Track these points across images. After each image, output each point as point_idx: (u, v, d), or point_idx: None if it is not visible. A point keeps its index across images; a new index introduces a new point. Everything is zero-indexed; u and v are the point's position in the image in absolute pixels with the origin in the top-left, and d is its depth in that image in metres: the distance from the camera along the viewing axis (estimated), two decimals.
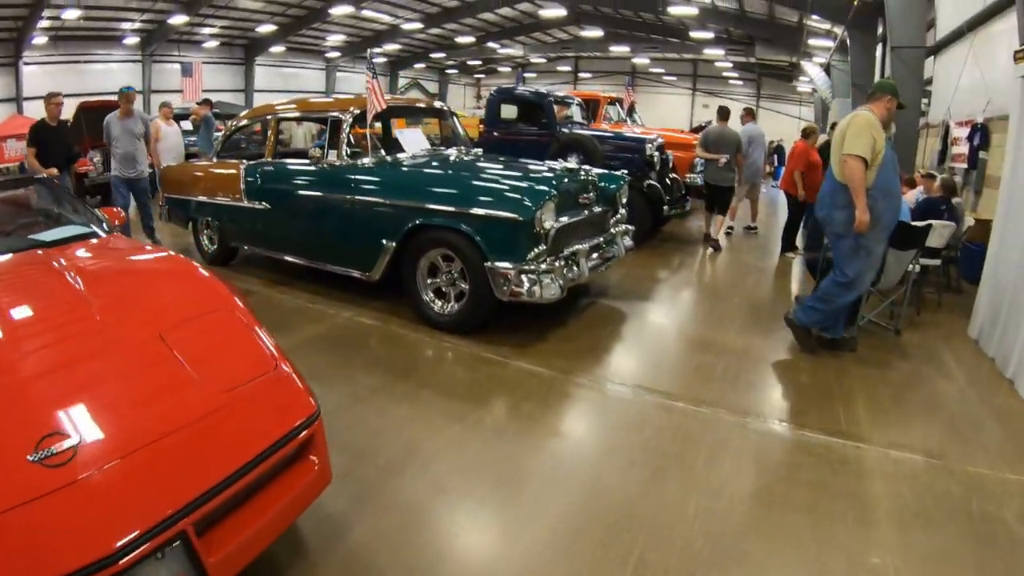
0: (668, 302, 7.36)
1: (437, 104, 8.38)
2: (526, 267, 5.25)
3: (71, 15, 24.27)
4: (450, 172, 6.20)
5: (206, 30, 31.49)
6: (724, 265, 9.22)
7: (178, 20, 27.30)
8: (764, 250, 10.43)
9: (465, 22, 32.97)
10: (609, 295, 7.22)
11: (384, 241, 5.90)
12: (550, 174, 6.03)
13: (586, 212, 6.11)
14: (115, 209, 4.99)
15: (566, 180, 5.92)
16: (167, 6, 26.73)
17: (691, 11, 24.59)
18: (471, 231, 5.38)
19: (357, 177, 6.24)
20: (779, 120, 35.28)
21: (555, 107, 10.69)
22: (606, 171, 7.15)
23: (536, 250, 5.30)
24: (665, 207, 9.45)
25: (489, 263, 5.31)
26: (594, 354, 5.52)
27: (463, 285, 5.64)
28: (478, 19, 32.77)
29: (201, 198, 7.94)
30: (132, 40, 30.47)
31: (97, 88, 30.23)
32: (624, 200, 6.87)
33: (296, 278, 7.31)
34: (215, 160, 8.09)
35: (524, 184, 5.61)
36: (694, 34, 29.51)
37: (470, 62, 44.14)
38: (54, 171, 7.83)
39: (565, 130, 10.21)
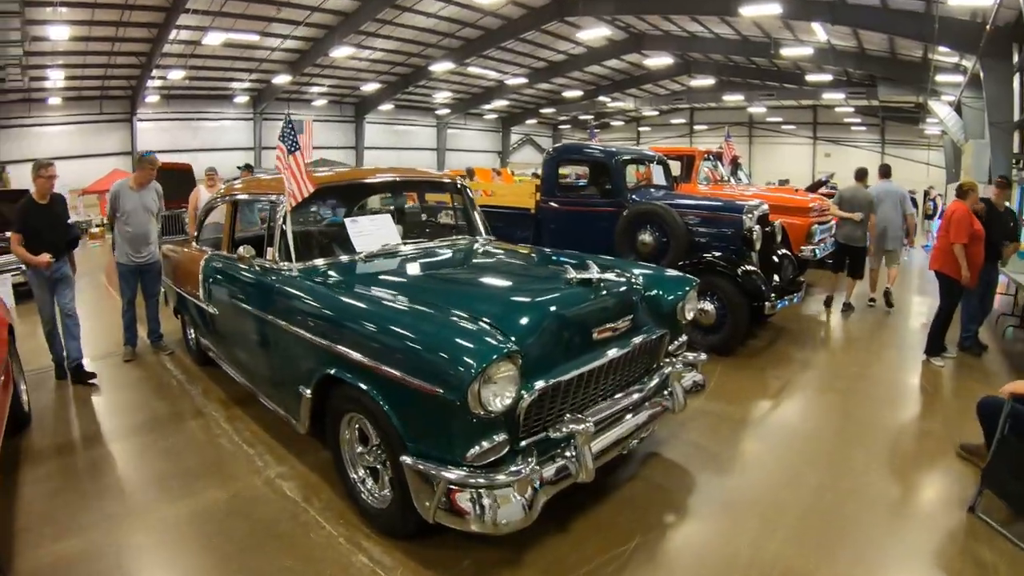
0: (756, 471, 4.51)
1: (415, 175, 5.88)
2: (466, 473, 2.97)
3: (176, 75, 24.48)
4: (379, 296, 3.82)
5: (314, 89, 31.86)
6: (847, 379, 6.33)
7: (283, 80, 27.47)
8: (898, 346, 7.56)
9: (573, 76, 31.30)
10: (664, 448, 4.69)
11: (301, 387, 3.93)
12: (537, 301, 3.63)
13: (611, 352, 3.65)
14: None
15: (566, 308, 3.57)
16: (273, 67, 26.63)
17: (805, 52, 21.75)
18: (380, 399, 3.28)
19: (278, 288, 4.28)
20: (908, 167, 31.58)
21: (630, 167, 8.24)
22: (664, 272, 4.62)
23: (484, 443, 3.03)
24: (768, 302, 6.64)
25: (407, 457, 3.12)
26: None
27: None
28: (586, 72, 30.98)
29: (178, 288, 6.45)
30: (242, 99, 30.98)
31: (211, 144, 31.50)
32: (688, 314, 4.33)
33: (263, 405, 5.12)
34: (193, 245, 6.32)
35: (465, 330, 3.19)
36: (811, 77, 26.64)
37: (581, 116, 42.22)
38: (46, 258, 5.97)
39: (636, 198, 7.67)
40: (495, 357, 2.92)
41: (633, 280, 4.16)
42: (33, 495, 4.21)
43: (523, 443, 3.23)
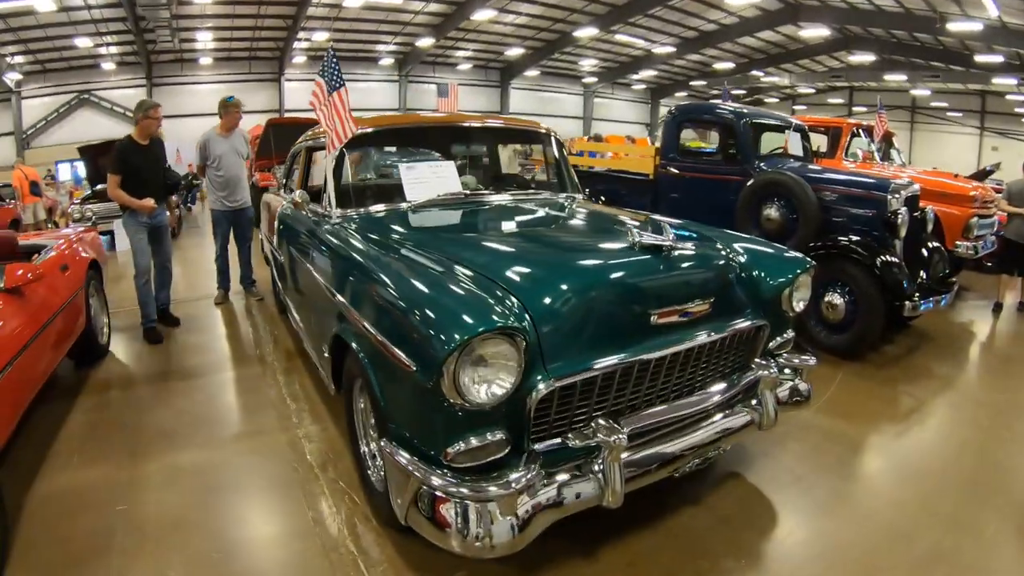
0: (855, 518, 3.34)
1: (496, 122, 5.09)
2: (441, 474, 2.34)
3: (321, 37, 24.83)
4: (394, 248, 3.17)
5: (459, 53, 31.58)
6: (993, 409, 4.87)
7: (426, 43, 27.25)
8: None
9: (724, 47, 29.23)
10: (748, 468, 3.71)
11: (324, 345, 3.58)
12: (574, 266, 2.84)
13: (675, 343, 2.73)
14: None
15: (615, 279, 2.72)
16: (416, 30, 26.44)
17: (974, 27, 18.92)
18: (368, 367, 2.75)
19: (315, 236, 3.93)
20: None
21: (760, 132, 7.05)
22: (771, 249, 3.56)
23: (473, 439, 2.33)
24: (909, 301, 5.42)
25: (386, 440, 2.56)
26: None
27: None
28: (738, 43, 28.79)
29: (264, 235, 6.71)
30: (388, 61, 31.18)
31: (357, 105, 30.91)
32: (797, 304, 3.32)
33: None
34: (281, 193, 6.02)
35: (463, 294, 2.47)
36: (980, 58, 23.28)
37: (734, 91, 39.72)
38: (150, 203, 5.77)
39: (765, 167, 6.52)
40: (482, 331, 2.17)
41: (726, 254, 3.21)
42: (78, 422, 4.33)
43: (538, 446, 2.48)
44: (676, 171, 7.24)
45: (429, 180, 4.05)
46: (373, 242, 3.27)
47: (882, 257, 5.45)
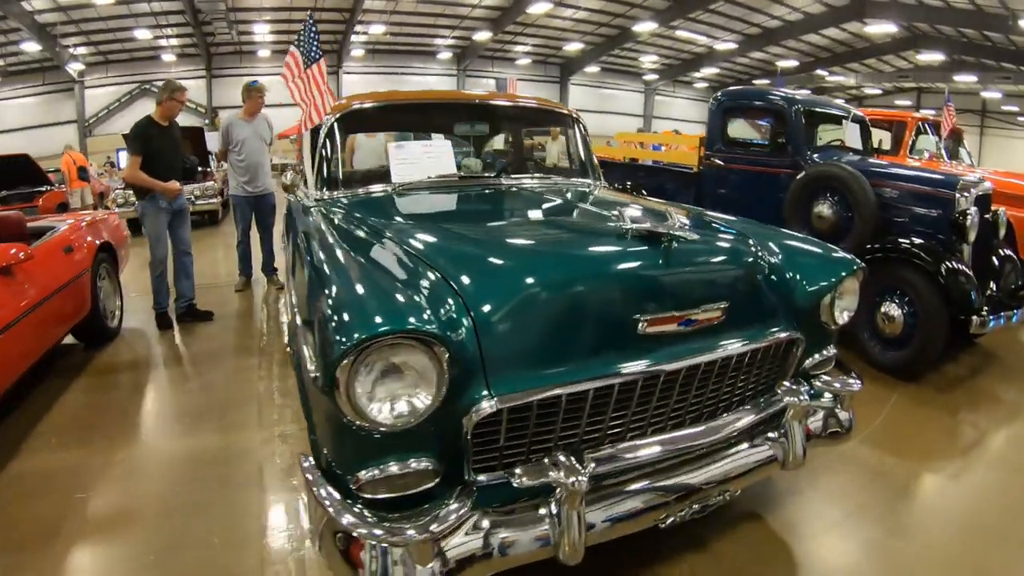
0: None
1: (505, 100, 4.55)
2: (346, 504, 1.82)
3: (377, 30, 24.85)
4: (349, 235, 2.64)
5: (518, 47, 31.15)
6: None
7: (484, 37, 26.99)
8: None
9: (788, 44, 28.12)
10: (771, 509, 3.07)
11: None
12: (534, 254, 2.37)
13: (670, 357, 2.13)
14: None
15: (587, 274, 2.15)
16: (474, 23, 26.22)
17: None
18: (296, 367, 2.50)
19: (290, 220, 3.68)
20: None
21: (816, 123, 6.30)
22: (810, 246, 2.90)
23: (392, 465, 1.83)
24: (977, 316, 4.62)
25: (304, 453, 2.07)
26: None
27: None
28: (802, 41, 27.62)
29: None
30: (446, 55, 31.16)
31: None
32: (841, 316, 2.66)
33: None
34: None
35: (380, 288, 1.97)
36: None
37: (799, 90, 38.26)
38: (176, 185, 5.55)
39: (817, 159, 5.77)
40: (383, 331, 1.69)
41: (753, 249, 2.58)
42: (69, 403, 4.33)
43: (484, 477, 1.96)
44: (721, 163, 6.57)
45: (419, 161, 3.59)
46: (332, 227, 2.76)
47: (948, 264, 4.67)
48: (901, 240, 4.98)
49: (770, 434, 2.42)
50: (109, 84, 26.78)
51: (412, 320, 1.72)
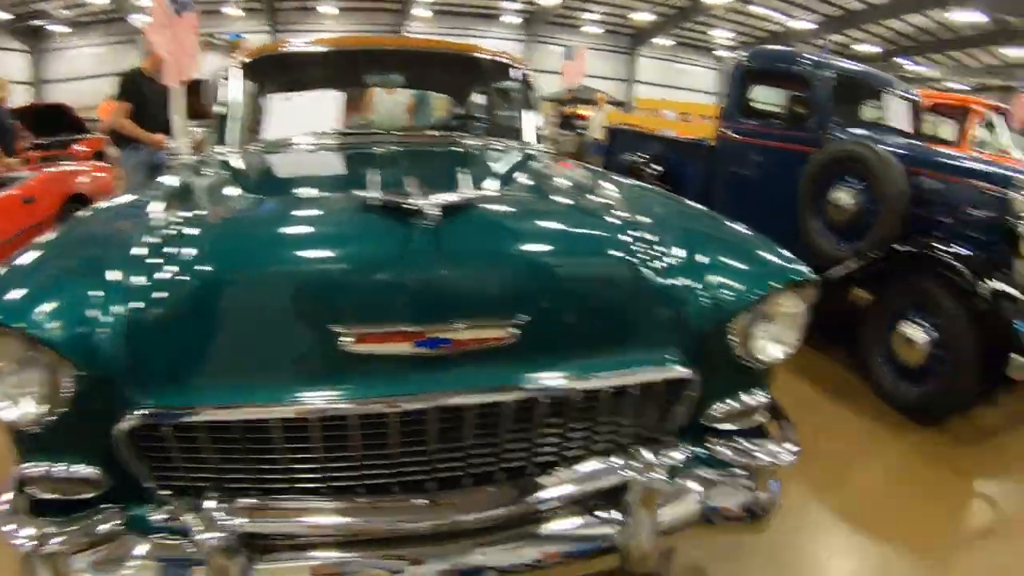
0: None
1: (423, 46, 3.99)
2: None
3: None
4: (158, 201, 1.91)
5: (586, 15, 29.85)
6: None
7: (552, 2, 25.92)
8: None
9: (869, 28, 26.05)
10: None
11: None
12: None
13: (396, 386, 1.36)
14: None
15: (261, 258, 1.48)
16: None
17: None
18: None
19: None
20: None
21: (854, 95, 5.12)
22: (737, 238, 1.91)
23: (43, 461, 1.45)
24: (1022, 356, 3.31)
25: None
26: None
27: None
28: (883, 25, 25.52)
29: None
30: (514, 20, 30.21)
31: None
32: (762, 350, 1.70)
33: None
34: None
35: (58, 265, 1.60)
36: None
37: None
38: (162, 138, 5.24)
39: (839, 135, 4.58)
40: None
41: (609, 238, 1.68)
42: None
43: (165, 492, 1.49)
44: (736, 136, 5.44)
45: (298, 116, 2.93)
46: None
47: (990, 283, 3.51)
48: (937, 245, 3.80)
49: (610, 513, 1.53)
50: None
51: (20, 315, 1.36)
